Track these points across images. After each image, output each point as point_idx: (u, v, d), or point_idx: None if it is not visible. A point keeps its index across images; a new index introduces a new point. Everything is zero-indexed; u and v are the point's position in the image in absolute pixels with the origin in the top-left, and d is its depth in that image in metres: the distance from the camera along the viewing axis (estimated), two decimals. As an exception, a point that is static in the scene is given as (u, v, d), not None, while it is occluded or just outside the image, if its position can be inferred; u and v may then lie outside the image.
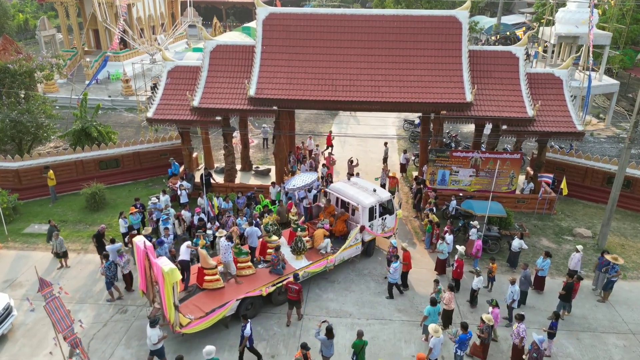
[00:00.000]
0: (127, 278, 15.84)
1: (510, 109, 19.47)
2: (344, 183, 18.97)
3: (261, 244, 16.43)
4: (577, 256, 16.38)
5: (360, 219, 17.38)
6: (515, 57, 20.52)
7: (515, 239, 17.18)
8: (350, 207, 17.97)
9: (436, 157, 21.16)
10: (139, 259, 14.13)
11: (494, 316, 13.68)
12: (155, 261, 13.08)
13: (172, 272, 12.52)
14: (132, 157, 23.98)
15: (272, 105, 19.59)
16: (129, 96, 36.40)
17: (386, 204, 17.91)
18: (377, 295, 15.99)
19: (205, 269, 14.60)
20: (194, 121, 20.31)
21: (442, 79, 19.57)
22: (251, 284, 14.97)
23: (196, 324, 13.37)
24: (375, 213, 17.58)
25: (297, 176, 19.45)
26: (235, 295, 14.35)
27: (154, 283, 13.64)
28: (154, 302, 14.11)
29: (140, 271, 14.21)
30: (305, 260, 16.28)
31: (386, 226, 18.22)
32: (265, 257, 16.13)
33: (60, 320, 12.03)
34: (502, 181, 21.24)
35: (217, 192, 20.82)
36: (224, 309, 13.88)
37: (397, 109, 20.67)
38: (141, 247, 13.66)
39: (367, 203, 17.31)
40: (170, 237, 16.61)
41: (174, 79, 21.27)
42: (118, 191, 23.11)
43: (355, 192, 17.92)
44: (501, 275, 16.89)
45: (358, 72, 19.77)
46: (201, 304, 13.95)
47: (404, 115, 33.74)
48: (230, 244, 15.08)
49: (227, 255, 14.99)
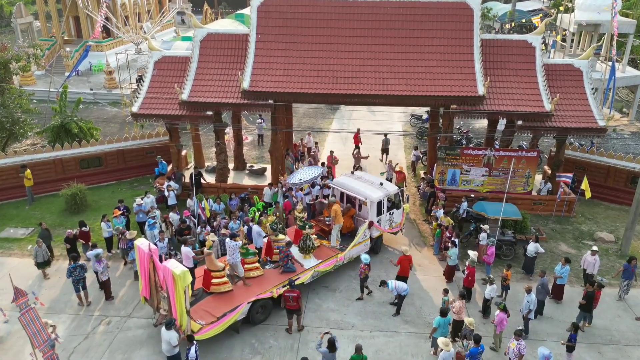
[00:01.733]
0: (107, 286, 15.82)
1: (526, 103, 19.47)
2: (348, 177, 19.29)
3: (267, 244, 16.58)
4: (592, 259, 16.37)
5: (369, 214, 17.69)
6: (532, 47, 20.51)
7: (531, 243, 17.18)
8: (357, 202, 18.28)
9: (446, 155, 21.15)
10: (142, 264, 14.18)
11: (499, 321, 13.71)
12: (163, 264, 13.23)
13: (183, 275, 12.64)
14: (115, 156, 23.95)
15: (267, 99, 19.58)
16: (112, 89, 36.38)
17: (394, 197, 18.38)
18: (381, 305, 15.98)
19: (213, 271, 14.70)
20: (182, 116, 20.29)
21: (452, 70, 19.54)
22: (260, 285, 15.13)
23: (208, 329, 13.50)
24: (383, 207, 17.99)
25: (301, 170, 19.72)
26: (246, 297, 14.52)
27: (159, 288, 13.80)
28: (159, 308, 14.16)
29: (144, 276, 14.26)
30: (315, 259, 16.53)
31: (394, 221, 18.68)
32: (272, 257, 16.30)
33: (36, 334, 11.99)
34: (517, 181, 21.23)
35: (207, 193, 20.78)
36: (235, 312, 14.04)
37: (404, 102, 20.64)
38: (145, 250, 13.77)
39: (375, 197, 17.65)
40: (165, 241, 16.61)
41: (161, 70, 21.25)
42: (100, 192, 23.08)
43: (361, 186, 18.24)
44: (516, 283, 16.88)
45: (361, 63, 19.75)
46: (211, 308, 14.04)
47: (411, 110, 33.76)
48: (237, 244, 15.19)
49: (235, 256, 15.09)
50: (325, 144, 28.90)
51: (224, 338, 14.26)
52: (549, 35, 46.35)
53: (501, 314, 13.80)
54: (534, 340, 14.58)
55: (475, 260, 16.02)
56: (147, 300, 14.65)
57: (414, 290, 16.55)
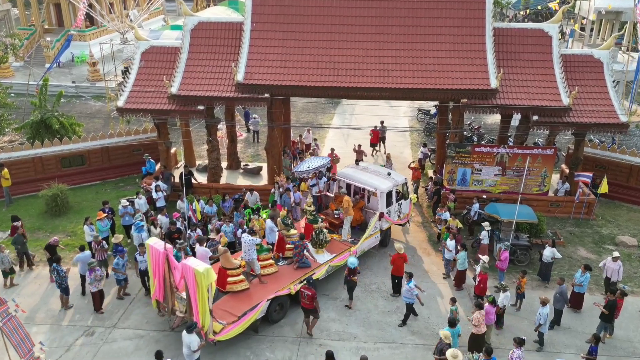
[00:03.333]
0: (97, 297, 15.79)
1: (542, 97, 19.46)
2: (353, 168, 19.81)
3: (279, 240, 16.95)
4: (616, 265, 16.36)
5: (379, 205, 18.31)
6: (548, 36, 20.51)
7: (547, 248, 17.18)
8: (366, 193, 18.94)
9: (455, 152, 21.16)
10: (155, 264, 14.35)
11: (486, 313, 14.02)
12: (183, 262, 13.54)
13: (207, 273, 12.91)
14: (99, 153, 23.95)
15: (263, 93, 19.58)
16: (96, 82, 36.37)
17: (401, 187, 19.11)
18: (386, 315, 15.98)
19: (228, 269, 14.99)
20: (172, 111, 20.29)
21: (463, 61, 19.54)
22: (277, 282, 15.59)
23: (230, 329, 13.85)
24: (393, 198, 18.65)
25: (307, 160, 20.44)
26: (265, 295, 14.95)
27: (174, 289, 14.15)
28: (174, 311, 14.44)
29: (158, 278, 14.45)
30: (328, 254, 17.07)
31: (402, 212, 19.37)
32: (284, 253, 16.73)
33: (20, 343, 12.02)
34: (533, 181, 21.23)
35: (199, 194, 20.78)
36: (255, 311, 14.44)
37: (410, 96, 20.64)
38: (159, 249, 14.00)
39: (385, 188, 18.27)
40: (146, 255, 16.53)
41: (149, 61, 21.26)
42: (83, 193, 23.08)
43: (368, 176, 18.83)
44: (531, 291, 16.89)
45: (364, 54, 19.74)
46: (230, 307, 14.42)
47: (418, 104, 33.75)
48: (254, 239, 15.52)
49: (251, 252, 15.45)
50: (325, 141, 28.89)
51: (217, 350, 14.27)
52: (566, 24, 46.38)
53: (488, 306, 14.27)
54: (550, 353, 14.58)
55: (487, 266, 16.01)
56: (159, 303, 14.91)
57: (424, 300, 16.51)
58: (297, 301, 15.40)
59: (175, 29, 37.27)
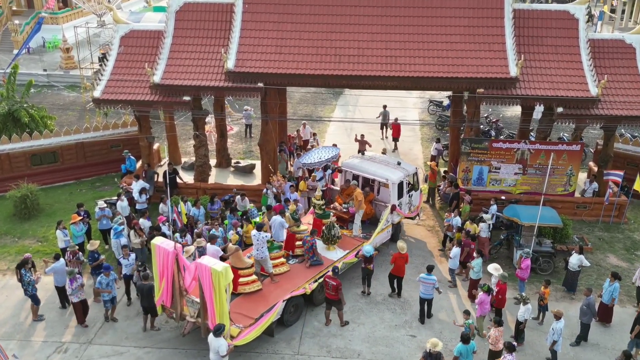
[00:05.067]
0: (79, 308, 15.73)
1: (568, 86, 19.46)
2: (359, 158, 20.49)
3: (288, 237, 17.43)
4: None
5: (390, 198, 18.92)
6: (575, 19, 20.51)
7: (573, 255, 17.18)
8: (375, 185, 19.60)
9: (471, 148, 21.16)
10: (163, 266, 14.50)
11: (479, 302, 14.97)
12: (196, 262, 13.90)
13: (226, 272, 13.23)
14: (74, 150, 23.95)
15: (256, 82, 19.58)
16: (70, 70, 36.35)
17: (412, 178, 19.82)
18: (394, 329, 16.00)
19: (240, 269, 15.26)
20: (155, 102, 20.30)
21: (479, 47, 19.54)
22: (290, 282, 16.11)
23: (247, 332, 14.21)
24: (404, 189, 19.30)
25: (313, 150, 21.26)
26: (281, 295, 15.44)
27: (184, 292, 14.45)
28: (184, 316, 14.69)
29: (166, 280, 14.61)
30: (340, 250, 17.66)
31: (412, 204, 20.08)
32: (294, 251, 17.27)
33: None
34: (557, 180, 21.24)
35: (186, 195, 20.78)
36: (272, 312, 14.86)
37: (420, 86, 20.65)
38: (168, 249, 14.18)
39: (396, 178, 18.87)
40: (131, 258, 16.61)
41: (129, 47, 21.24)
42: (56, 194, 23.08)
43: (377, 167, 19.48)
44: (556, 302, 16.90)
45: (369, 39, 19.74)
46: (245, 310, 14.79)
47: (429, 95, 33.76)
48: (266, 235, 15.94)
49: (263, 250, 15.85)
50: (325, 136, 28.90)
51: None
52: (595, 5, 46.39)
53: (483, 295, 14.97)
54: (576, 372, 14.62)
55: (506, 275, 16.02)
56: (165, 308, 15.08)
57: (433, 311, 16.57)
58: (311, 302, 16.23)
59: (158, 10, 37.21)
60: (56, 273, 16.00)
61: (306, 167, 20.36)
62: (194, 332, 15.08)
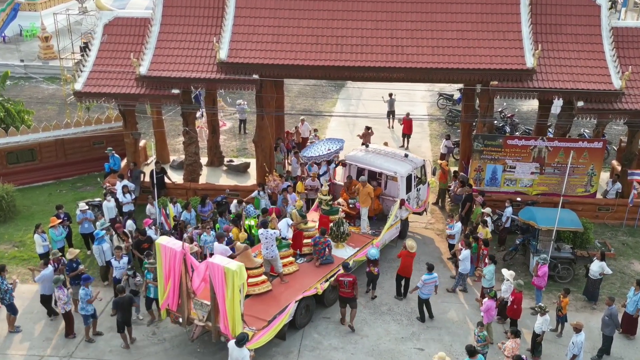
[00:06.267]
0: (69, 318, 15.63)
1: (589, 78, 19.45)
2: (363, 151, 20.93)
3: (295, 235, 17.80)
4: None
5: (399, 192, 19.50)
6: (596, 5, 20.49)
7: (595, 262, 17.17)
8: (382, 179, 20.14)
9: (484, 146, 21.15)
10: (170, 266, 14.57)
11: (486, 309, 14.99)
12: (207, 261, 14.14)
13: (240, 271, 13.48)
14: (53, 147, 23.96)
15: (251, 73, 19.57)
16: (49, 60, 36.33)
17: (420, 171, 20.43)
18: (400, 342, 16.00)
19: (249, 269, 15.32)
20: (141, 95, 20.28)
21: (493, 35, 19.53)
22: (300, 282, 16.50)
23: (260, 336, 14.50)
24: (413, 183, 19.95)
25: (317, 142, 21.63)
26: (292, 296, 15.78)
27: (191, 295, 14.68)
28: (191, 321, 14.86)
29: (173, 282, 14.69)
30: (351, 248, 18.12)
31: (420, 199, 20.71)
32: (302, 249, 17.75)
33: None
34: (577, 180, 21.22)
35: (173, 196, 20.76)
36: (284, 314, 15.20)
37: (429, 78, 20.62)
38: (174, 248, 14.32)
39: (405, 171, 19.44)
40: (123, 261, 16.61)
41: (113, 35, 21.23)
42: (34, 195, 23.08)
43: (383, 159, 19.99)
44: (575, 313, 16.90)
45: (374, 27, 19.73)
46: (256, 312, 15.02)
47: (439, 88, 33.73)
48: (275, 232, 16.26)
49: (273, 248, 16.20)
50: (326, 132, 28.88)
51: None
52: (618, -10, 46.33)
53: (489, 301, 15.13)
54: (598, 388, 14.60)
55: (522, 283, 16.01)
56: (170, 312, 15.18)
57: (442, 323, 16.59)
58: (322, 303, 16.63)
59: (144, -4, 37.27)
60: (45, 281, 15.87)
61: (311, 160, 20.63)
62: (180, 346, 15.23)
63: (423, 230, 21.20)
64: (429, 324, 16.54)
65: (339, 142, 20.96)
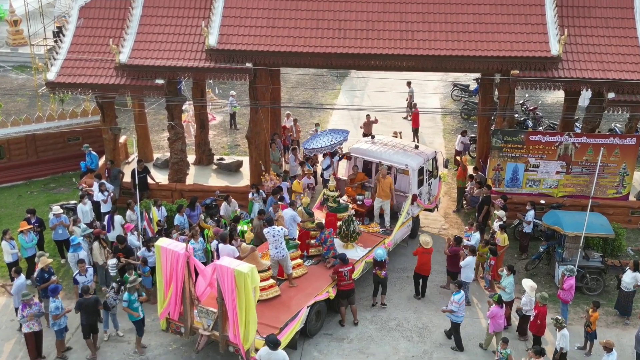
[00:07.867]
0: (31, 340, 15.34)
1: (621, 67, 19.42)
2: (370, 143, 21.41)
3: (301, 235, 18.10)
4: None
5: (410, 186, 19.89)
6: (629, -15, 20.51)
7: (627, 272, 17.15)
8: (392, 173, 20.30)
9: (504, 142, 21.14)
10: (172, 270, 14.66)
11: (491, 315, 15.25)
12: (215, 263, 14.48)
13: (252, 274, 13.70)
14: (23, 143, 23.98)
15: (244, 61, 19.57)
16: (18, 47, 36.33)
17: (431, 164, 20.95)
18: (410, 361, 15.99)
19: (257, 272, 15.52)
20: (121, 86, 20.26)
21: (513, 19, 19.52)
22: (310, 285, 16.78)
23: None
24: (424, 176, 20.44)
25: (318, 134, 21.98)
26: (303, 301, 16.02)
27: (195, 301, 14.91)
28: (195, 330, 15.12)
29: (175, 287, 14.81)
30: (361, 249, 18.38)
31: (431, 194, 21.18)
32: (309, 251, 18.05)
33: None
34: (608, 181, 21.21)
35: (157, 199, 20.76)
36: (296, 321, 15.42)
37: (442, 66, 20.59)
38: (177, 251, 14.43)
39: (416, 164, 19.85)
40: (89, 274, 16.52)
41: (90, 19, 21.21)
42: (2, 197, 23.13)
43: (392, 151, 20.49)
44: (606, 329, 16.90)
45: (380, 9, 19.73)
46: (266, 319, 15.11)
47: (453, 78, 33.74)
48: (282, 230, 16.42)
49: (282, 247, 16.39)
50: (328, 126, 28.80)
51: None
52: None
53: (495, 307, 15.31)
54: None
55: (546, 296, 15.98)
56: (171, 322, 15.34)
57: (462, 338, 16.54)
58: (334, 309, 16.83)
59: (125, -25, 37.27)
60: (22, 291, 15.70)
61: (313, 152, 20.87)
62: None
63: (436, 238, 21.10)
64: (442, 341, 16.50)
65: (342, 132, 21.07)
